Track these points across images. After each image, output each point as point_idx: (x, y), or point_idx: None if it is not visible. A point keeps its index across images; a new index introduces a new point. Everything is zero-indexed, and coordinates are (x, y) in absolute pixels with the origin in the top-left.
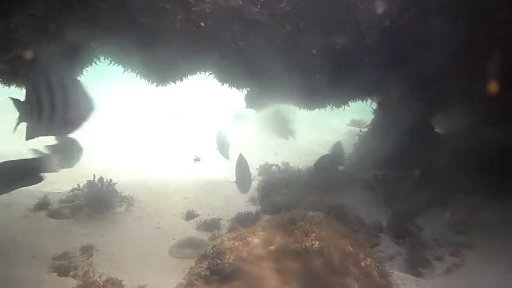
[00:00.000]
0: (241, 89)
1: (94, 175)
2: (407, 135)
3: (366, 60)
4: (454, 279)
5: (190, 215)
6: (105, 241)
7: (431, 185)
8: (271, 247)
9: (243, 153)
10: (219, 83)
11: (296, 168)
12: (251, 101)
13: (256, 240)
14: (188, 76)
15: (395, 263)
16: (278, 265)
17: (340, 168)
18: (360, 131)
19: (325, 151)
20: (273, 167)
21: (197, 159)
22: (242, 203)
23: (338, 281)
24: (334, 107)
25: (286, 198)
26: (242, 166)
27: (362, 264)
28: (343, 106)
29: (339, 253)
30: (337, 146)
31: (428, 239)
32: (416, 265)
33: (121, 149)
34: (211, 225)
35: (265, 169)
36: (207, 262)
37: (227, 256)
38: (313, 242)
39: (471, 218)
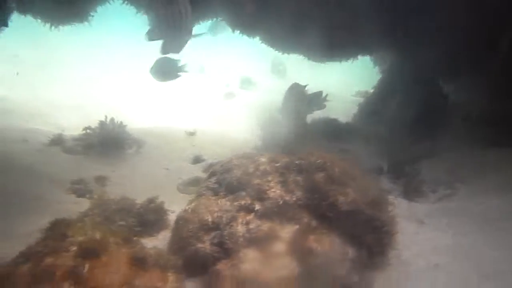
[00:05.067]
0: (252, 37)
1: (106, 116)
2: (412, 99)
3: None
4: (443, 203)
5: (197, 160)
6: (116, 175)
7: (430, 141)
8: (277, 164)
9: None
10: (230, 30)
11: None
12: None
13: (262, 159)
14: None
15: (392, 195)
16: (283, 178)
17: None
18: (366, 92)
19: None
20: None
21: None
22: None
23: (338, 189)
24: (343, 59)
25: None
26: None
27: (361, 180)
28: (351, 59)
29: (340, 170)
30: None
31: (425, 179)
32: (411, 195)
33: (139, 99)
34: None
35: (269, 120)
36: (215, 177)
37: (235, 171)
38: (317, 158)
39: (467, 164)
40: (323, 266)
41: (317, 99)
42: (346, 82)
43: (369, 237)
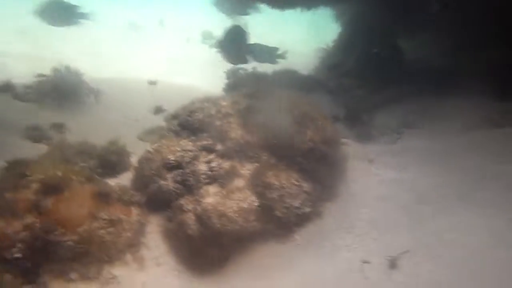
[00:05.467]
0: None
1: (60, 63)
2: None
3: None
4: (392, 146)
5: (158, 110)
6: (74, 123)
7: (385, 91)
8: (238, 106)
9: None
10: None
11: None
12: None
13: (224, 102)
14: None
15: (347, 138)
16: (244, 120)
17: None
18: (327, 45)
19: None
20: (240, 70)
21: None
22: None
23: (296, 129)
24: (303, 9)
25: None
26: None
27: (319, 122)
28: (313, 9)
29: (299, 111)
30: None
31: (377, 125)
32: (364, 138)
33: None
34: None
35: (233, 72)
36: (178, 120)
37: (197, 113)
38: (277, 101)
39: (417, 112)
40: (279, 199)
41: (270, 53)
42: (306, 39)
43: (323, 173)
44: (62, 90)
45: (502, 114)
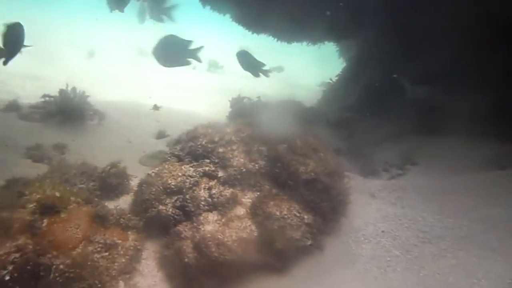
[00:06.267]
0: (222, 14)
1: (67, 84)
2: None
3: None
4: (394, 181)
5: (160, 135)
6: (76, 144)
7: (388, 125)
8: (242, 134)
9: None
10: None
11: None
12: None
13: (228, 129)
14: None
15: (349, 172)
16: (247, 147)
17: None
18: (330, 79)
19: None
20: (244, 100)
21: None
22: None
23: (299, 160)
24: (309, 43)
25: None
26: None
27: (321, 154)
28: (318, 44)
29: (302, 142)
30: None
31: (379, 160)
32: (366, 173)
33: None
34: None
35: (237, 100)
36: (181, 145)
37: (200, 139)
38: (281, 131)
39: (418, 148)
40: (280, 230)
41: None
42: (310, 73)
43: (325, 205)
44: (66, 112)
45: (504, 156)
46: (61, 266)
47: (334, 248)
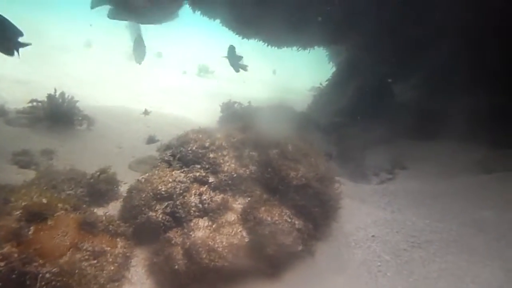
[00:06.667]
0: (212, 19)
1: (55, 90)
2: (362, 92)
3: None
4: (384, 185)
5: (151, 140)
6: (65, 150)
7: (378, 129)
8: (233, 139)
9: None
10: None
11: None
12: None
13: (219, 135)
14: None
15: (339, 177)
16: (238, 153)
17: None
18: (320, 84)
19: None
20: (235, 104)
21: None
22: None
23: (290, 165)
24: (300, 48)
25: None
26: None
27: (312, 159)
28: (308, 49)
29: (293, 147)
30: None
31: (369, 164)
32: (356, 177)
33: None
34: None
35: (227, 106)
36: (171, 150)
37: (191, 145)
38: (271, 136)
39: (408, 152)
40: (271, 235)
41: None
42: (301, 77)
43: (316, 210)
44: (54, 117)
45: (492, 160)
46: (48, 275)
47: (325, 253)
